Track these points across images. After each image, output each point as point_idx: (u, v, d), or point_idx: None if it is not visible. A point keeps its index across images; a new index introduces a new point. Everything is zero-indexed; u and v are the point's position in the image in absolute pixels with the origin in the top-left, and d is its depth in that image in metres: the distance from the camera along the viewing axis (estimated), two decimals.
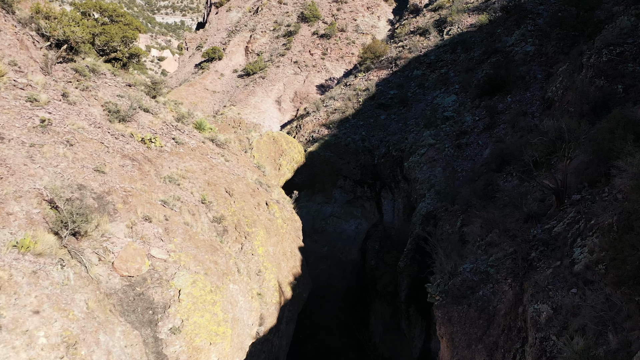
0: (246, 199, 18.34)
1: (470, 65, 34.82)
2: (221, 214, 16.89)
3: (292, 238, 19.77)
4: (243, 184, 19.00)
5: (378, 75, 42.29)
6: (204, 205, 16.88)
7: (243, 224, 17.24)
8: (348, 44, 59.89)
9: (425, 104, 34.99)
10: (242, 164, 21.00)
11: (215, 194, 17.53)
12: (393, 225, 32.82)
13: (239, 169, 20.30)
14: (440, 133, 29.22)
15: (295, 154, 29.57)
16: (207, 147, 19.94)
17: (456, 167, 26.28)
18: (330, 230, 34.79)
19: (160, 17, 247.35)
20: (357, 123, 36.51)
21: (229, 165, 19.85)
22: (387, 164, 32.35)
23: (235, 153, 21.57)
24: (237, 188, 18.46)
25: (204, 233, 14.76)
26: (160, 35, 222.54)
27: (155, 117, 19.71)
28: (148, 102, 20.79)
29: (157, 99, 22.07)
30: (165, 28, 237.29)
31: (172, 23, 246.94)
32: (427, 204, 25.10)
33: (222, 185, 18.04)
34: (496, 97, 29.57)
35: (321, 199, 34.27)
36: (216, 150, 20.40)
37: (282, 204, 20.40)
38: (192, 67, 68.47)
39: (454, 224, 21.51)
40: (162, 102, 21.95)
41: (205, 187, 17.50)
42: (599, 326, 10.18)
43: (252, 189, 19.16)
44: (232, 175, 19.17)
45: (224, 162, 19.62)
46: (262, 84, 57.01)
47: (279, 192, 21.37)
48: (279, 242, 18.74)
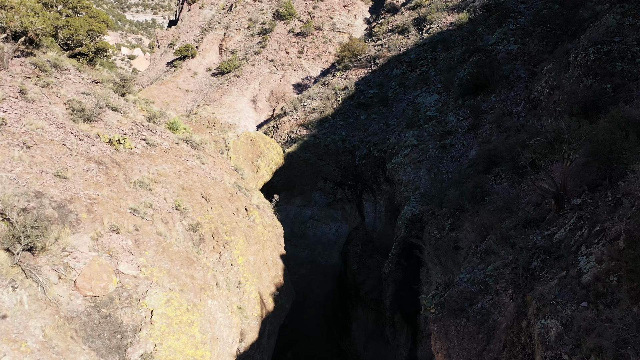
0: (224, 205, 17.05)
1: (452, 64, 34.15)
2: (197, 222, 15.59)
3: (273, 245, 18.55)
4: (220, 188, 17.69)
5: (357, 74, 41.34)
6: (178, 212, 15.54)
7: (221, 231, 15.96)
8: (325, 42, 58.84)
9: (406, 104, 34.17)
10: (219, 166, 19.67)
11: (190, 200, 16.20)
12: (375, 229, 31.88)
13: (216, 172, 18.98)
14: (423, 133, 28.39)
15: (274, 155, 28.33)
16: (181, 148, 18.56)
17: (441, 169, 25.47)
18: (310, 234, 33.66)
19: (130, 15, 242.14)
20: (337, 123, 35.47)
21: (205, 168, 18.51)
22: (368, 165, 31.39)
23: (211, 155, 20.23)
24: (214, 193, 17.15)
25: (178, 244, 13.44)
26: (130, 34, 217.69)
27: (124, 117, 18.24)
28: (116, 100, 19.29)
29: (126, 97, 20.56)
30: (136, 26, 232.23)
31: (143, 21, 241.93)
32: (413, 207, 24.20)
33: (197, 190, 16.71)
34: (480, 97, 28.92)
35: (300, 201, 33.11)
36: (191, 152, 19.03)
37: (263, 209, 19.15)
38: (164, 66, 66.39)
39: (443, 228, 20.64)
40: (132, 101, 20.45)
41: (180, 192, 16.16)
42: (617, 345, 9.29)
43: (230, 194, 17.87)
44: (209, 179, 17.84)
45: (200, 165, 18.28)
46: (237, 82, 55.50)
47: (258, 196, 20.11)
48: (259, 251, 17.51)
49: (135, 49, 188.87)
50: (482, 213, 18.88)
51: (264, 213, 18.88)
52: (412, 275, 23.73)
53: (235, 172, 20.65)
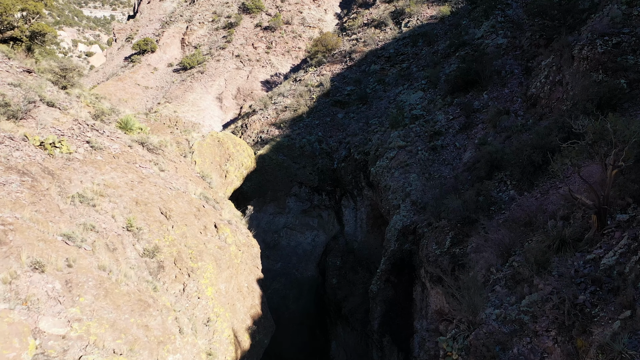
0: (189, 222, 13.88)
1: (435, 59, 31.76)
2: (155, 245, 12.40)
3: (249, 269, 15.47)
4: (184, 201, 14.50)
5: (331, 70, 38.52)
6: (130, 233, 12.32)
7: (185, 256, 12.81)
8: (294, 37, 55.78)
9: (387, 101, 31.57)
10: (182, 173, 16.43)
11: (146, 217, 12.97)
12: (356, 238, 29.13)
13: (179, 180, 15.75)
14: (410, 134, 25.80)
15: (245, 159, 25.18)
16: (135, 152, 15.25)
17: (433, 173, 22.91)
18: (284, 244, 30.62)
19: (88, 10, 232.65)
20: (312, 122, 32.54)
21: (165, 177, 15.27)
22: (348, 169, 28.60)
23: (172, 160, 16.96)
24: (177, 207, 13.95)
25: (129, 279, 10.23)
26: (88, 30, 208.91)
27: (64, 114, 14.81)
28: (55, 94, 15.82)
29: (68, 91, 17.07)
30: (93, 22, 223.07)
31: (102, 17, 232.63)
32: (403, 216, 21.53)
33: (155, 205, 13.49)
34: (470, 94, 26.56)
35: (273, 208, 30.03)
36: (147, 156, 15.74)
37: (236, 224, 16.02)
38: (121, 61, 61.87)
39: (442, 242, 18.01)
40: (75, 95, 16.98)
41: (133, 208, 12.91)
42: None
43: (196, 208, 14.70)
44: (170, 189, 14.62)
45: (158, 173, 15.02)
46: (201, 79, 51.82)
47: (229, 209, 16.96)
48: (232, 277, 14.40)
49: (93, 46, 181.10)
50: (493, 226, 16.35)
51: (237, 230, 15.76)
52: (403, 294, 21.08)
53: (201, 180, 17.42)
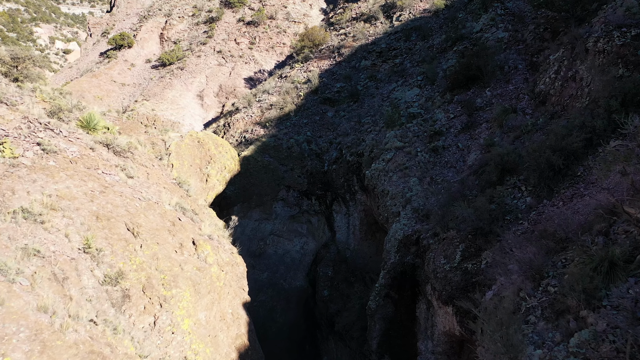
0: (161, 240, 11.62)
1: (431, 54, 29.82)
2: (119, 270, 10.15)
3: (233, 292, 13.24)
4: (156, 214, 12.22)
5: (319, 66, 36.38)
6: (88, 255, 10.05)
7: (157, 282, 10.57)
8: (279, 32, 53.46)
9: (380, 99, 29.54)
10: (154, 180, 14.13)
11: (109, 235, 10.69)
12: (348, 246, 27.04)
13: (150, 189, 13.44)
14: (407, 134, 23.79)
15: (227, 161, 22.90)
16: (97, 156, 12.91)
17: (435, 177, 20.93)
18: (270, 252, 28.39)
19: (65, 7, 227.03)
20: (300, 121, 30.35)
21: (134, 185, 12.96)
22: (340, 171, 26.48)
23: (144, 164, 14.63)
24: (147, 222, 11.68)
25: (79, 323, 7.97)
26: (66, 27, 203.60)
27: (11, 110, 12.43)
28: (3, 87, 13.40)
29: (21, 84, 14.63)
30: (72, 19, 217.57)
31: (80, 14, 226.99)
32: (404, 225, 19.49)
33: (120, 219, 11.20)
34: (471, 91, 24.66)
35: (259, 214, 27.78)
36: (113, 160, 13.41)
37: (218, 240, 13.77)
38: (96, 56, 58.82)
39: (452, 256, 16.00)
40: (28, 89, 14.56)
41: (92, 224, 10.62)
42: None
43: (170, 222, 12.43)
44: (139, 200, 12.32)
45: (126, 180, 12.71)
46: (181, 75, 49.22)
47: (211, 221, 14.70)
48: (214, 303, 12.18)
49: (71, 43, 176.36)
50: (510, 239, 14.40)
51: (220, 246, 13.51)
52: (405, 312, 19.05)
53: (177, 188, 15.12)
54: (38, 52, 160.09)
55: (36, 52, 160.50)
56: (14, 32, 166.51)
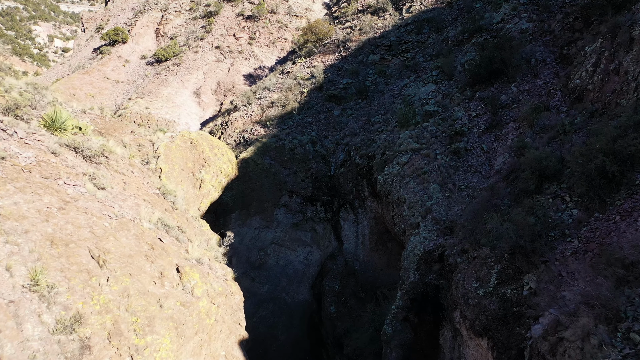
0: (136, 269, 9.22)
1: (446, 48, 27.38)
2: (76, 312, 7.79)
3: (227, 329, 10.83)
4: (131, 235, 9.81)
5: (323, 61, 33.96)
6: (35, 295, 7.70)
7: (127, 328, 8.21)
8: (280, 27, 51.09)
9: (391, 96, 27.12)
10: (133, 191, 11.71)
11: (65, 266, 8.32)
12: (357, 257, 24.65)
13: (127, 202, 11.03)
14: (424, 134, 21.38)
15: (224, 164, 20.52)
16: (61, 162, 10.50)
17: (458, 183, 18.52)
18: (271, 263, 25.99)
19: (65, 5, 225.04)
20: (304, 120, 27.93)
21: (106, 198, 10.54)
22: (348, 176, 24.08)
23: (121, 171, 12.21)
24: (118, 247, 9.27)
25: None
26: (65, 25, 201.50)
27: None
28: None
29: None
30: (71, 17, 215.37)
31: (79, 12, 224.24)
32: (424, 238, 17.08)
33: (83, 245, 8.81)
34: (494, 86, 22.25)
35: (259, 222, 25.37)
36: (82, 167, 10.99)
37: (209, 264, 11.35)
38: (89, 52, 56.40)
39: (486, 279, 13.59)
40: None
41: (44, 251, 8.25)
42: None
43: (149, 244, 10.01)
44: (110, 218, 9.91)
45: (94, 192, 10.30)
46: (177, 72, 46.83)
47: (202, 239, 12.29)
48: (202, 346, 9.77)
49: (70, 41, 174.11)
50: (557, 259, 12.01)
51: (211, 272, 11.08)
52: (426, 339, 16.64)
53: (161, 199, 12.71)
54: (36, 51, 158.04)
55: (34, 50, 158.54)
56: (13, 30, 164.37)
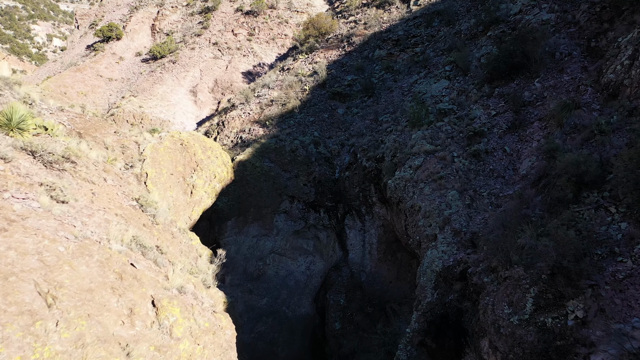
0: (97, 307, 7.26)
1: (459, 42, 25.42)
2: None
3: None
4: (93, 262, 7.85)
5: (327, 57, 32.00)
6: None
7: None
8: (280, 23, 49.15)
9: (400, 93, 25.17)
10: (103, 203, 9.75)
11: (1, 307, 6.31)
12: (364, 268, 22.70)
13: (94, 218, 9.06)
14: (439, 134, 19.43)
15: (218, 168, 18.57)
16: (11, 170, 8.57)
17: (479, 190, 16.56)
18: (270, 274, 24.03)
19: (64, 4, 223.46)
20: (306, 119, 25.98)
21: (65, 214, 8.58)
22: (354, 180, 22.12)
23: (90, 179, 10.25)
24: (74, 278, 7.32)
25: None
26: (64, 24, 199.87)
27: None
28: None
29: None
30: (70, 17, 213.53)
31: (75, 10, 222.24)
32: (443, 252, 15.13)
33: (27, 277, 6.88)
34: (515, 82, 20.29)
35: (257, 229, 23.41)
36: (39, 176, 9.03)
37: (194, 294, 9.36)
38: (83, 49, 54.45)
39: (520, 304, 11.62)
40: None
41: None
42: None
43: (117, 273, 8.06)
44: (67, 240, 7.95)
45: (51, 208, 8.34)
46: (173, 69, 44.86)
47: (185, 262, 10.31)
48: None
49: None
50: (607, 282, 10.08)
51: (196, 303, 9.11)
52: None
53: (139, 213, 10.73)
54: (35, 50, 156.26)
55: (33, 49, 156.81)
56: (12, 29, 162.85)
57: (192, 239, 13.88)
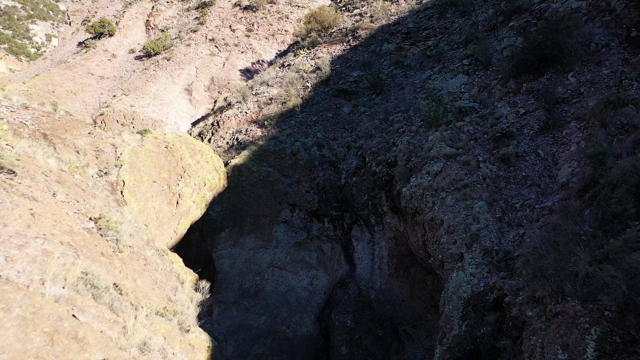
0: None
1: (476, 34, 23.11)
2: None
3: None
4: (11, 318, 5.50)
5: (330, 52, 29.69)
6: None
7: None
8: (280, 18, 46.85)
9: (412, 90, 22.85)
10: (45, 228, 7.42)
11: None
12: (373, 284, 20.37)
13: (25, 250, 6.71)
14: (459, 135, 17.11)
15: (208, 174, 16.26)
16: None
17: (511, 201, 14.23)
18: (269, 290, 21.69)
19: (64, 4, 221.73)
20: (308, 119, 23.66)
21: None
22: (362, 186, 19.80)
23: (32, 196, 7.92)
24: None
25: None
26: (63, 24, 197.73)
27: None
28: None
29: None
30: None
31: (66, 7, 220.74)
32: (472, 275, 12.79)
33: None
34: (545, 77, 17.96)
35: (255, 241, 21.08)
36: None
37: (162, 350, 7.04)
38: (74, 46, 52.13)
39: (577, 348, 9.26)
40: None
41: None
42: None
43: (47, 333, 5.70)
44: None
45: None
46: (167, 67, 42.54)
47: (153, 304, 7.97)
48: None
49: None
50: None
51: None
52: None
53: (95, 238, 8.38)
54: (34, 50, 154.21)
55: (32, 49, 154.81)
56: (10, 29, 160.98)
57: (174, 261, 11.57)
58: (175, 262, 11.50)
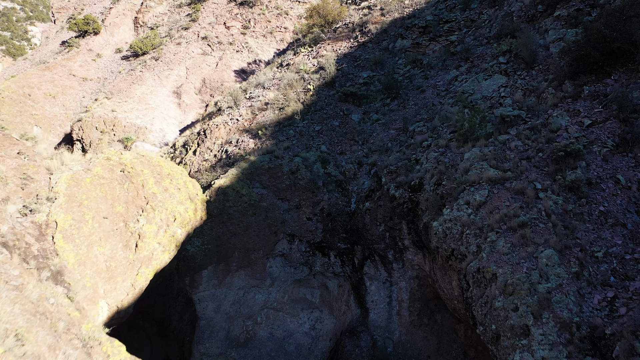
0: None
1: (510, 26, 19.25)
2: None
3: None
4: None
5: (335, 49, 25.86)
6: None
7: None
8: (279, 15, 43.05)
9: (434, 93, 19.01)
10: None
11: None
12: (390, 334, 16.48)
13: None
14: (505, 153, 13.26)
15: (180, 206, 12.44)
16: None
17: (590, 248, 10.34)
18: (263, 336, 17.80)
19: None
20: (310, 128, 19.81)
21: None
22: (378, 214, 15.93)
23: None
24: None
25: None
26: None
27: None
28: None
29: None
30: None
31: None
32: (543, 359, 8.91)
33: None
34: (613, 78, 14.10)
35: (245, 279, 17.21)
36: None
37: None
38: (57, 46, 48.37)
39: None
40: None
41: None
42: None
43: None
44: None
45: None
46: (155, 67, 38.72)
47: None
48: None
49: None
50: None
51: None
52: None
53: None
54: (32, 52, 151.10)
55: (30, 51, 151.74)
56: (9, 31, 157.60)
57: (111, 354, 7.73)
58: (113, 356, 7.68)
